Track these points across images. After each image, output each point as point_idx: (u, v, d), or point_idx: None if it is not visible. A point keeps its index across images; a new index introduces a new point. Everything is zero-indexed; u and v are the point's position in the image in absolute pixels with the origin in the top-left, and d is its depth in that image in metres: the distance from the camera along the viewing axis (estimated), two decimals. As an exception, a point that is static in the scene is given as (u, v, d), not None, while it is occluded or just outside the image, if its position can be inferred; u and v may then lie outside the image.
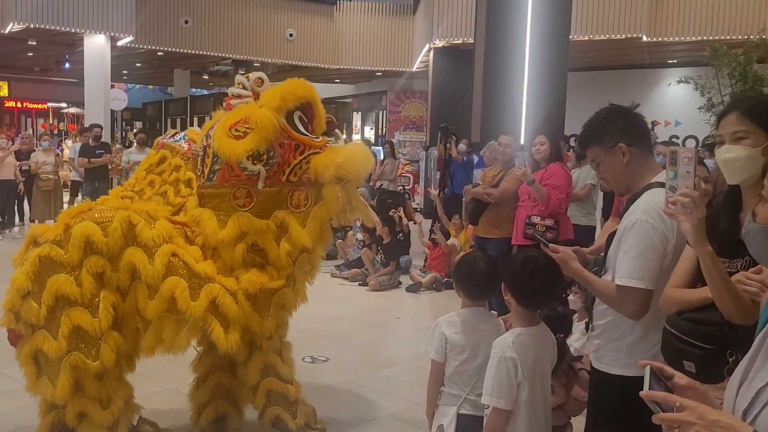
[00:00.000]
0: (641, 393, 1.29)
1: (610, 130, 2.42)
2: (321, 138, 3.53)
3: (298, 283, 3.59)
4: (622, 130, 2.41)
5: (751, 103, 2.09)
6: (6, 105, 24.23)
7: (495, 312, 3.09)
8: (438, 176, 11.11)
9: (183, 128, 4.62)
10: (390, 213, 8.96)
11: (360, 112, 24.74)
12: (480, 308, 2.92)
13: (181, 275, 3.28)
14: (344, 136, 3.78)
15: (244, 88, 3.52)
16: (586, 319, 3.51)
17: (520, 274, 2.58)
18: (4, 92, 23.46)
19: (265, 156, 3.31)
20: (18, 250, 3.41)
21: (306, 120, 3.51)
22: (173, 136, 4.53)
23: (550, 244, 2.57)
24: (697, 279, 2.10)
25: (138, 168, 4.60)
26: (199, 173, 3.61)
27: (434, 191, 9.40)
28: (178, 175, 4.35)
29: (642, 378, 1.31)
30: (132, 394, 3.53)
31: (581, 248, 2.67)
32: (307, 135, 3.45)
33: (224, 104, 3.57)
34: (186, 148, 4.46)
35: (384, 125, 22.38)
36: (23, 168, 11.27)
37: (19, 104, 24.68)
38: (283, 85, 3.44)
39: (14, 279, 3.24)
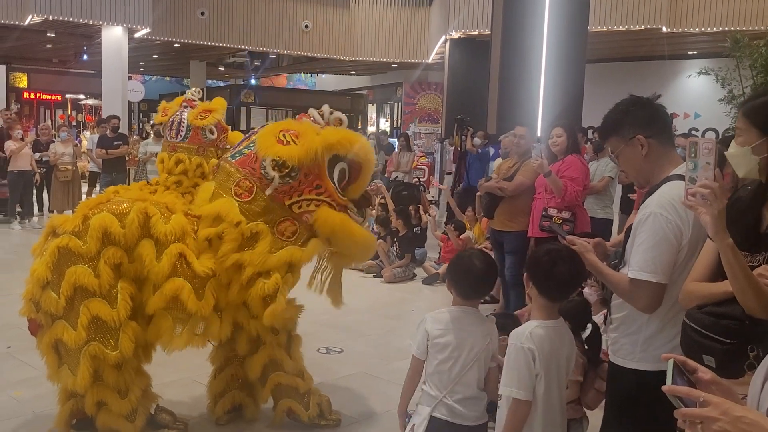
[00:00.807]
0: (664, 387, 1.27)
1: (629, 122, 2.40)
2: (345, 199, 3.54)
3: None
4: (641, 122, 2.39)
5: (754, 102, 2.12)
6: (25, 96, 24.43)
7: (492, 316, 3.01)
8: (454, 168, 11.07)
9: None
10: (423, 214, 8.89)
11: (375, 104, 24.70)
12: (471, 308, 2.83)
13: (186, 277, 3.31)
14: (368, 220, 3.79)
15: (322, 117, 3.60)
16: (603, 312, 3.48)
17: (543, 264, 2.55)
18: (24, 84, 23.66)
19: (287, 171, 3.33)
20: (37, 241, 3.45)
21: (346, 177, 3.54)
22: (178, 132, 4.53)
23: (568, 236, 2.55)
24: (718, 273, 2.08)
25: (159, 171, 4.64)
26: (232, 149, 3.70)
27: (443, 186, 9.35)
28: (202, 170, 4.42)
29: (659, 372, 1.29)
30: (149, 383, 3.56)
31: (603, 240, 2.65)
32: (335, 186, 3.47)
33: (297, 116, 3.68)
34: (196, 143, 4.49)
35: (399, 117, 22.33)
36: (43, 159, 11.38)
37: (38, 96, 24.87)
38: (350, 133, 3.49)
39: (34, 269, 3.29)
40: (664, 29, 13.72)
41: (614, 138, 2.45)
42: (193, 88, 4.82)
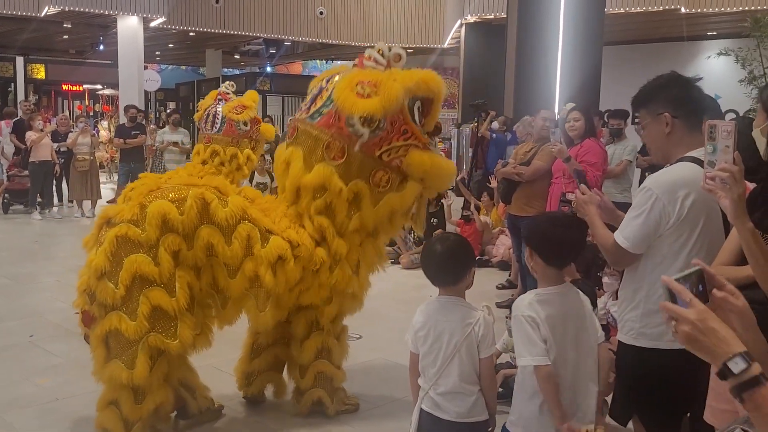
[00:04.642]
0: (663, 276, 1.24)
1: (662, 97, 2.44)
2: (427, 138, 3.51)
3: (361, 271, 3.61)
4: (673, 100, 2.42)
5: (765, 86, 2.24)
6: (43, 87, 24.62)
7: (486, 306, 2.74)
8: (470, 154, 11.03)
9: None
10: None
11: (391, 90, 24.57)
12: (448, 297, 2.69)
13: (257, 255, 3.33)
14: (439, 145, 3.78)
15: (383, 55, 3.48)
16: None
17: (541, 228, 2.60)
18: (42, 75, 23.83)
19: (375, 124, 3.29)
20: (90, 233, 3.41)
21: (422, 113, 3.50)
22: (213, 124, 4.65)
23: (581, 186, 2.66)
24: (744, 258, 2.07)
25: (193, 161, 4.77)
26: (303, 107, 3.61)
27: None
28: (237, 161, 4.60)
29: (658, 350, 1.23)
30: (168, 402, 3.44)
31: (605, 197, 2.68)
32: (418, 127, 3.45)
33: (357, 60, 3.56)
34: (230, 135, 4.65)
35: (415, 103, 22.20)
36: (61, 149, 11.48)
37: (55, 86, 25.04)
38: (422, 72, 3.42)
39: (91, 260, 3.22)
40: (683, 10, 13.52)
41: (644, 110, 2.50)
42: (227, 82, 4.90)
